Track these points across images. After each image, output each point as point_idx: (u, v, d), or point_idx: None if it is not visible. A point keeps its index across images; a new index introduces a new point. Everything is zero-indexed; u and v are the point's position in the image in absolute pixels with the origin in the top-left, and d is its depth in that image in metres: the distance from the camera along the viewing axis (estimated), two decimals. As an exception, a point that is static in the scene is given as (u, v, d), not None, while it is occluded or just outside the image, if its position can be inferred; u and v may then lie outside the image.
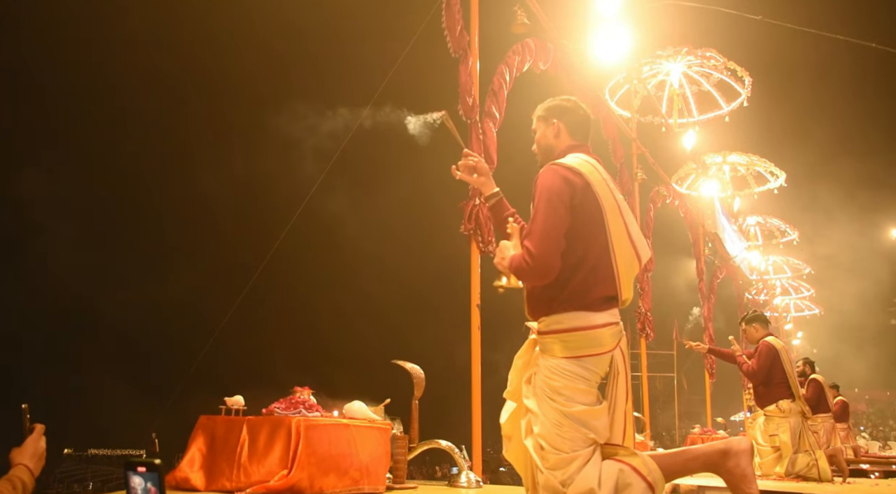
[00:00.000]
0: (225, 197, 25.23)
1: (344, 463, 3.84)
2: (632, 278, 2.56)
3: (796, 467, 5.70)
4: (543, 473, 2.35)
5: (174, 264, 24.26)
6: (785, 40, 25.65)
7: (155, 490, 1.45)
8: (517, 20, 6.53)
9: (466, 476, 4.72)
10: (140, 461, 1.46)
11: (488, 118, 5.70)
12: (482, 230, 5.32)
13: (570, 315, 2.42)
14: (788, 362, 5.90)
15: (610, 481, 2.31)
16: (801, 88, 36.75)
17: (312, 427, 3.72)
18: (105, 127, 24.54)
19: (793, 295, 22.48)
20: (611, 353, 2.44)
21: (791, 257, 20.20)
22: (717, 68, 12.21)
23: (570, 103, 2.73)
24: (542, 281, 2.45)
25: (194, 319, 19.10)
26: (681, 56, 12.12)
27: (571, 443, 2.34)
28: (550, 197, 2.44)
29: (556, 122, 2.70)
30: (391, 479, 4.41)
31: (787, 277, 21.17)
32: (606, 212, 2.48)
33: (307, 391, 4.03)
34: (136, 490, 1.45)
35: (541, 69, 6.93)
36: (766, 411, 5.92)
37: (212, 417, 3.90)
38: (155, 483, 1.44)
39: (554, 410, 2.37)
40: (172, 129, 24.39)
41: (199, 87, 25.36)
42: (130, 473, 1.46)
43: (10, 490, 1.83)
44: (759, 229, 18.57)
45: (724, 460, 2.47)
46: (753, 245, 17.97)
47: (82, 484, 15.58)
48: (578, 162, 2.54)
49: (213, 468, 3.73)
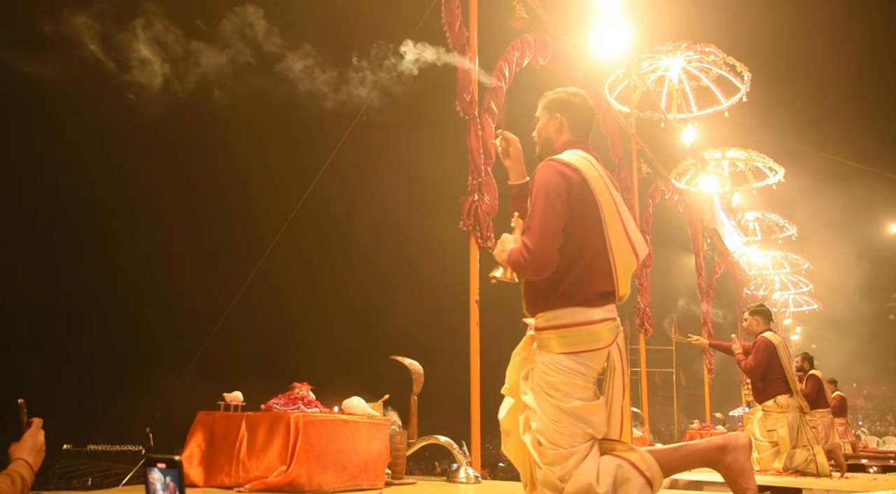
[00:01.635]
0: (222, 192, 25.22)
1: (343, 459, 3.85)
2: (629, 274, 2.56)
3: (794, 462, 5.71)
4: (542, 469, 2.35)
5: (171, 259, 24.26)
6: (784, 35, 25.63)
7: (174, 485, 1.46)
8: (516, 15, 6.52)
9: (465, 471, 4.73)
10: (160, 457, 1.47)
11: (487, 113, 5.70)
12: (481, 226, 5.32)
13: (567, 310, 2.43)
14: (786, 357, 5.90)
15: (608, 476, 2.31)
16: (801, 84, 36.69)
17: (311, 422, 3.72)
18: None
19: (791, 290, 22.50)
20: (608, 349, 2.45)
21: (790, 252, 20.21)
22: (716, 64, 12.19)
23: (577, 99, 2.70)
24: (539, 276, 2.45)
25: (193, 314, 19.09)
26: (680, 51, 12.09)
27: (569, 439, 2.34)
28: (548, 192, 2.44)
29: (559, 116, 2.68)
30: (390, 475, 4.41)
31: (786, 272, 21.18)
32: (603, 208, 2.48)
33: (306, 387, 4.04)
34: (154, 485, 1.46)
35: (540, 64, 6.93)
36: (764, 406, 5.93)
37: (210, 413, 3.90)
38: (175, 478, 1.46)
39: (551, 406, 2.38)
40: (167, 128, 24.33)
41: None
42: (150, 469, 1.47)
43: (10, 485, 1.83)
44: (758, 224, 18.57)
45: (722, 455, 2.47)
46: (752, 240, 17.97)
47: (81, 480, 15.57)
48: (576, 158, 2.54)
49: (212, 464, 3.74)
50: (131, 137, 23.62)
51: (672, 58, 12.23)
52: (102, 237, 24.10)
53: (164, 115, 6.39)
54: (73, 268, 22.62)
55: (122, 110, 19.53)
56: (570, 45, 7.61)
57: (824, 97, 36.99)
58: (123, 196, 25.03)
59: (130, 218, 25.34)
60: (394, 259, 25.70)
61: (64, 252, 22.52)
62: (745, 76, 12.26)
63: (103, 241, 24.08)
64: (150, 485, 1.47)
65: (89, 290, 22.57)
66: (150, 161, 25.25)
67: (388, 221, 24.96)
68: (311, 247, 22.15)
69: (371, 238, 24.65)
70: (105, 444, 17.53)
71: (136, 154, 24.65)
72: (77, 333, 22.23)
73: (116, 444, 17.48)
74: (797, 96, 33.49)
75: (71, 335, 22.23)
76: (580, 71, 7.86)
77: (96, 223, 24.15)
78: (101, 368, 20.76)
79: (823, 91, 36.70)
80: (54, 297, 22.42)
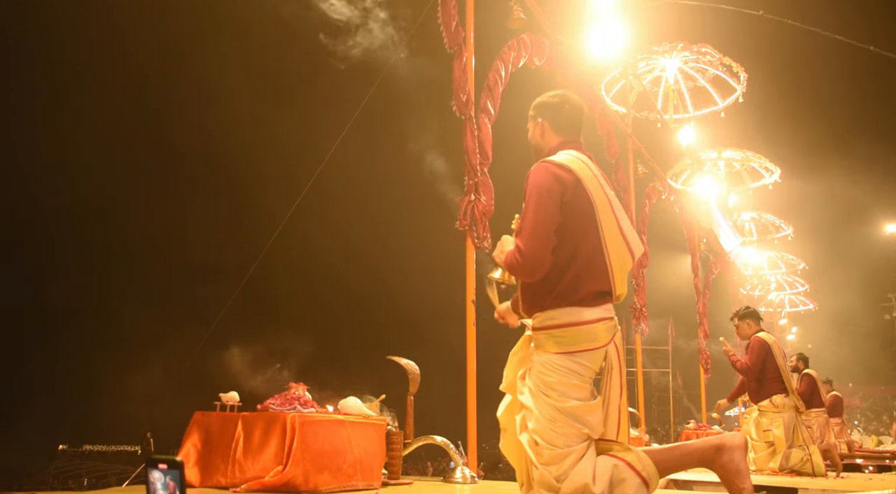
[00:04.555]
0: (217, 192, 25.19)
1: (339, 459, 3.84)
2: (625, 273, 2.56)
3: (790, 462, 5.72)
4: (538, 468, 2.35)
5: (166, 259, 24.22)
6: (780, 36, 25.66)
7: (174, 485, 1.46)
8: (513, 15, 6.53)
9: (462, 471, 4.73)
10: (162, 458, 1.47)
11: (483, 114, 5.69)
12: (477, 226, 5.32)
13: (563, 310, 2.43)
14: (781, 357, 5.91)
15: (604, 476, 2.32)
16: (797, 84, 36.78)
17: (307, 423, 3.71)
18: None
19: (787, 290, 22.53)
20: (605, 348, 2.45)
21: (786, 253, 20.24)
22: (712, 64, 12.21)
23: (555, 99, 2.70)
24: (532, 277, 2.46)
25: (189, 313, 19.06)
26: (676, 52, 12.10)
27: (566, 439, 2.35)
28: (540, 194, 2.44)
29: (540, 121, 2.70)
30: (386, 475, 4.41)
31: (782, 273, 21.21)
32: (598, 208, 2.48)
33: (302, 387, 4.03)
34: (154, 484, 1.47)
35: (536, 65, 6.93)
36: (760, 406, 5.94)
37: (207, 413, 3.90)
38: (175, 479, 1.47)
39: (548, 405, 2.38)
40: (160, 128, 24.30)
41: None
42: (151, 469, 1.47)
43: None
44: (754, 225, 18.60)
45: (718, 455, 2.48)
46: (748, 240, 18.00)
47: (77, 480, 15.54)
48: (569, 159, 2.54)
49: (208, 464, 3.73)
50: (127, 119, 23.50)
51: (668, 58, 12.24)
52: (101, 238, 24.05)
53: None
54: (68, 269, 22.57)
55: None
56: (566, 45, 7.61)
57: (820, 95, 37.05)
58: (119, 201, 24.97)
59: (128, 222, 25.29)
60: (390, 259, 25.70)
61: (58, 252, 22.48)
62: (742, 76, 12.28)
63: (100, 242, 24.02)
64: (151, 485, 1.48)
65: (86, 291, 22.53)
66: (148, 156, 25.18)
67: (384, 221, 24.96)
68: (307, 247, 22.13)
69: (367, 237, 24.65)
70: (101, 444, 17.50)
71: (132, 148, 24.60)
72: (74, 333, 22.18)
73: (112, 445, 17.46)
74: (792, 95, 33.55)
75: (68, 335, 22.18)
76: (577, 71, 7.86)
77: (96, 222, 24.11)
78: (97, 368, 20.71)
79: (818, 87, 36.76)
80: (53, 298, 22.38)
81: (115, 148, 24.93)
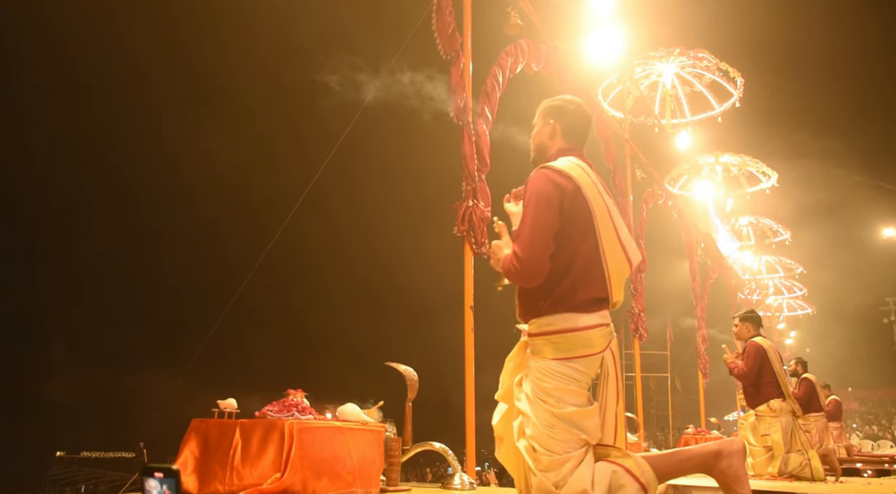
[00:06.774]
0: (214, 198, 25.18)
1: (337, 466, 3.83)
2: (622, 280, 2.57)
3: (789, 466, 5.71)
4: (536, 475, 2.35)
5: (164, 267, 24.20)
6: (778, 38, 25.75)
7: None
8: (510, 21, 6.54)
9: (460, 477, 4.72)
10: (157, 466, 1.47)
11: (481, 119, 5.70)
12: (475, 232, 5.32)
13: (559, 316, 2.43)
14: (777, 361, 5.91)
15: (603, 482, 2.31)
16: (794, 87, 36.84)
17: (305, 429, 3.71)
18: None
19: (785, 294, 22.54)
20: (601, 354, 2.45)
21: (783, 257, 20.26)
22: (709, 69, 12.23)
23: (572, 106, 2.73)
24: (530, 283, 2.46)
25: (186, 322, 19.04)
26: (673, 57, 12.12)
27: (563, 445, 2.34)
28: (539, 200, 2.45)
29: (552, 123, 2.71)
30: (385, 481, 4.40)
31: (780, 277, 21.22)
32: (596, 215, 2.49)
33: (300, 393, 4.02)
34: (150, 493, 1.47)
35: (534, 70, 6.94)
36: (757, 411, 5.93)
37: (204, 420, 3.88)
38: (171, 488, 1.46)
39: (545, 411, 2.38)
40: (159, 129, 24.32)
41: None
42: (147, 477, 1.47)
43: None
44: (752, 229, 18.62)
45: (716, 461, 2.48)
46: (746, 245, 18.02)
47: (74, 487, 15.50)
48: (569, 165, 2.55)
49: (206, 471, 3.72)
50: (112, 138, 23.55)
51: (665, 63, 12.27)
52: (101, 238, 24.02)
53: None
54: (66, 273, 22.53)
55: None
56: (563, 50, 7.62)
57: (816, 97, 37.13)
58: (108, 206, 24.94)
59: (124, 227, 25.26)
60: (388, 265, 25.69)
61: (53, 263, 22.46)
62: (738, 81, 12.31)
63: (97, 245, 23.99)
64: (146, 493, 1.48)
65: (85, 292, 22.50)
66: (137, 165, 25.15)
67: (383, 227, 24.97)
68: (306, 255, 22.14)
69: (365, 243, 24.65)
70: (98, 451, 17.45)
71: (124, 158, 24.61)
72: (71, 341, 22.13)
73: (110, 451, 17.41)
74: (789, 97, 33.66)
75: (66, 339, 22.13)
76: (574, 76, 7.88)
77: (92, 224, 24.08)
78: (94, 375, 20.66)
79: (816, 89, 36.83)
80: (50, 299, 22.34)
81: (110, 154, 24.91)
